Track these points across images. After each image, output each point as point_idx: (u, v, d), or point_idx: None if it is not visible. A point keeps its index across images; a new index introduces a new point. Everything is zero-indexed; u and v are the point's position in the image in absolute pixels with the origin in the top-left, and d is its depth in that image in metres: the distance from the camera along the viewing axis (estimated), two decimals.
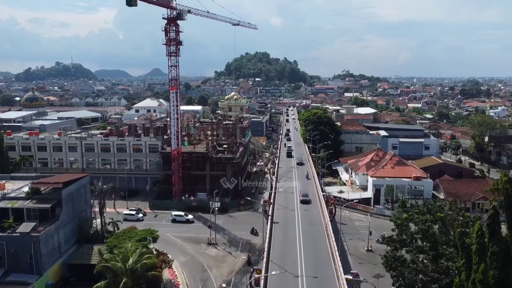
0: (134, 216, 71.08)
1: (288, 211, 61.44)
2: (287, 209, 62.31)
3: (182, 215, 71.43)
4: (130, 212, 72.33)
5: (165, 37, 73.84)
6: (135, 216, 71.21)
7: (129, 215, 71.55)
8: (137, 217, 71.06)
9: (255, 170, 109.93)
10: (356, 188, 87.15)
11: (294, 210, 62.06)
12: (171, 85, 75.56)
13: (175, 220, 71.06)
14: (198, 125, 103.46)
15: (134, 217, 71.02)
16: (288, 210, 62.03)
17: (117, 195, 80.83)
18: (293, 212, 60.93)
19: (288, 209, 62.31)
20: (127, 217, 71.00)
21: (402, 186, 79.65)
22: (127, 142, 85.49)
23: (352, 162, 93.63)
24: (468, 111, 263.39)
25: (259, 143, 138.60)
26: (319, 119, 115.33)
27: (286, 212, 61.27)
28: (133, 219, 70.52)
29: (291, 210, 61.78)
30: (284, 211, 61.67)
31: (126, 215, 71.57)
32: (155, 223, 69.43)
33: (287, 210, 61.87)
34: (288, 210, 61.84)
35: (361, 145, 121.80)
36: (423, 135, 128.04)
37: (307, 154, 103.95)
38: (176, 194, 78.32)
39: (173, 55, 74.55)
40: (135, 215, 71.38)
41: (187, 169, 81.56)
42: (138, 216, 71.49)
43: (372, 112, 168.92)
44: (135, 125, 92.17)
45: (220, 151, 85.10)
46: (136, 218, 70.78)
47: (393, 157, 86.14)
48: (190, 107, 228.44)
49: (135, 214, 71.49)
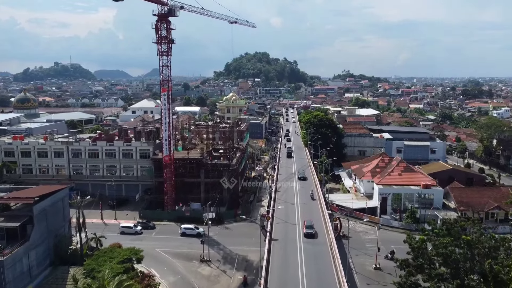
0: (132, 229, 65.27)
1: (289, 226, 55.76)
2: (287, 224, 56.62)
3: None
4: (127, 225, 66.43)
5: (156, 35, 68.08)
6: (133, 229, 65.39)
7: (127, 228, 65.77)
8: (135, 230, 65.26)
9: (253, 175, 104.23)
10: (361, 196, 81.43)
11: (295, 224, 56.33)
12: (163, 86, 69.83)
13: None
14: (193, 128, 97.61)
15: (132, 230, 65.23)
16: (288, 224, 56.35)
17: (105, 204, 75.25)
18: (293, 227, 55.21)
19: (288, 224, 56.63)
20: (124, 230, 65.40)
21: (410, 195, 73.96)
22: (116, 147, 79.77)
23: (356, 168, 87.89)
24: (471, 111, 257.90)
25: (258, 146, 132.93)
26: (321, 121, 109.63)
27: (286, 227, 55.56)
28: (131, 232, 64.90)
29: (292, 225, 56.07)
30: (284, 226, 55.96)
31: (123, 228, 65.86)
32: (155, 236, 64.43)
33: (287, 225, 56.16)
34: (289, 225, 56.15)
35: (364, 148, 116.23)
36: (428, 138, 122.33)
37: (308, 159, 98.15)
38: (168, 203, 72.60)
39: (165, 54, 68.81)
40: (133, 228, 65.53)
41: (180, 176, 75.88)
42: (137, 229, 65.60)
43: (375, 114, 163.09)
44: (126, 129, 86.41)
45: (216, 157, 79.42)
46: (134, 231, 65.06)
47: (400, 163, 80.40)
48: (188, 108, 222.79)
49: (133, 227, 65.64)
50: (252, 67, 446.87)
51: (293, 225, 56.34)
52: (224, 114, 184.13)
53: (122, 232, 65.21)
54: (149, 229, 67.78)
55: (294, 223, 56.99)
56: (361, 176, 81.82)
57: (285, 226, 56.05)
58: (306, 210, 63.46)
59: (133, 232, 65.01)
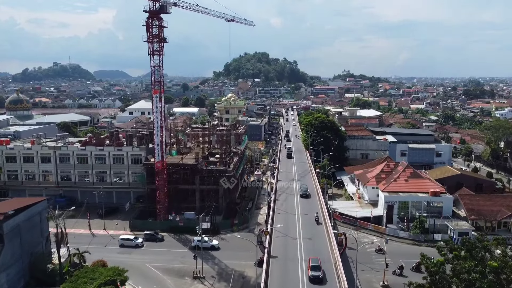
0: (132, 242, 60.49)
1: (289, 241, 51.11)
2: (287, 238, 51.97)
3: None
4: (128, 237, 61.53)
5: (147, 33, 63.45)
6: (134, 241, 60.60)
7: (127, 240, 60.97)
8: (135, 243, 60.47)
9: (252, 180, 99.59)
10: (365, 203, 76.78)
11: (296, 238, 51.66)
12: (154, 88, 65.16)
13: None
14: (188, 131, 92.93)
15: (133, 242, 60.43)
16: (288, 238, 51.70)
17: (94, 213, 70.61)
18: (294, 242, 50.54)
19: (288, 237, 51.99)
20: (124, 243, 60.66)
21: (418, 203, 69.27)
22: (106, 152, 75.09)
23: (359, 174, 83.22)
24: (473, 112, 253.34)
25: (257, 149, 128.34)
26: (322, 123, 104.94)
27: (286, 241, 50.91)
28: (131, 245, 60.18)
29: (293, 239, 51.42)
30: (284, 240, 51.31)
31: (123, 240, 61.07)
32: (151, 249, 59.74)
33: (288, 239, 51.51)
34: (289, 239, 51.50)
35: (367, 151, 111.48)
36: (433, 140, 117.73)
37: (309, 164, 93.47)
38: (160, 212, 67.92)
39: (156, 53, 64.16)
40: (133, 240, 60.75)
41: (174, 183, 71.26)
42: (137, 241, 60.80)
43: (377, 115, 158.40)
44: (117, 133, 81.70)
45: (212, 162, 74.76)
46: (134, 244, 60.30)
47: (406, 168, 75.70)
48: (186, 109, 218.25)
49: (134, 240, 60.85)
50: (251, 67, 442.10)
51: (293, 239, 51.67)
52: (223, 115, 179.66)
53: (122, 245, 60.42)
54: (157, 241, 62.61)
55: (294, 237, 52.26)
56: (365, 183, 77.14)
57: (284, 240, 51.39)
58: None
59: (134, 245, 60.18)
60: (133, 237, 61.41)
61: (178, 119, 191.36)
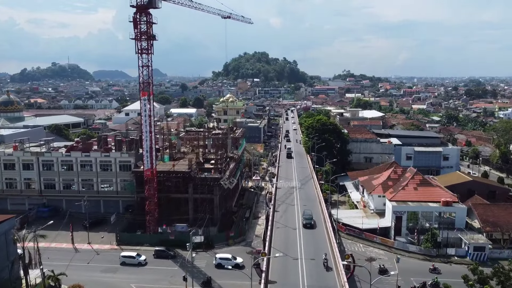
0: (134, 260, 54.75)
1: (289, 261, 45.56)
2: (287, 258, 46.40)
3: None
4: (130, 254, 55.67)
5: (134, 29, 57.89)
6: (136, 259, 54.83)
7: (128, 258, 55.17)
8: (138, 261, 54.67)
9: (250, 186, 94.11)
10: (371, 213, 71.22)
11: (297, 259, 46.10)
12: (142, 90, 59.61)
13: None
14: (183, 135, 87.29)
15: (135, 260, 54.67)
16: (289, 259, 46.13)
17: (79, 224, 65.05)
18: (295, 263, 44.98)
19: (288, 258, 46.43)
20: (125, 261, 54.83)
21: (429, 213, 63.74)
22: (93, 158, 69.46)
23: (364, 180, 77.64)
24: (476, 112, 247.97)
25: (256, 152, 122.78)
26: (324, 126, 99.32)
27: (286, 262, 45.36)
28: (133, 263, 54.47)
29: (293, 260, 45.86)
30: (284, 261, 45.71)
31: (124, 257, 55.18)
32: (154, 267, 54.01)
33: (288, 260, 45.95)
34: (289, 260, 45.94)
35: (370, 155, 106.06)
36: (439, 143, 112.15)
37: (310, 170, 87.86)
38: (150, 224, 62.33)
39: (145, 52, 58.61)
40: (135, 258, 54.97)
41: (165, 192, 65.73)
42: (140, 259, 54.93)
43: (379, 116, 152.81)
44: (105, 137, 76.05)
45: (206, 169, 69.20)
46: (137, 262, 54.52)
47: (415, 175, 70.07)
48: (184, 110, 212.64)
49: (136, 257, 55.04)
50: (251, 67, 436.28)
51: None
52: (221, 117, 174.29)
53: (123, 262, 54.52)
54: (169, 258, 56.62)
55: (295, 257, 46.58)
56: (371, 190, 71.53)
57: (284, 262, 45.80)
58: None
59: (136, 263, 54.39)
60: (135, 254, 55.51)
61: (175, 120, 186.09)
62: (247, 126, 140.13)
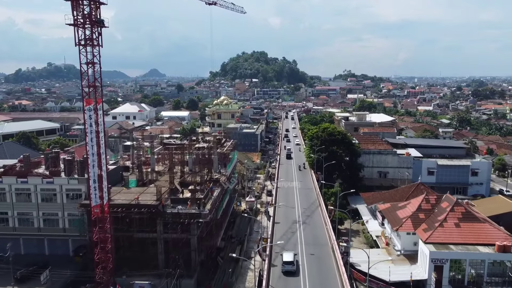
0: None
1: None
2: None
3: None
4: None
5: (72, 12, 40.43)
6: None
7: None
8: None
9: (243, 209, 76.73)
10: (397, 255, 53.85)
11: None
12: (85, 96, 42.19)
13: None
14: (158, 149, 69.66)
15: None
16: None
17: (8, 277, 47.64)
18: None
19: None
20: None
21: (480, 262, 46.52)
22: (31, 185, 52.05)
23: (386, 210, 60.16)
24: (485, 114, 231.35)
25: (251, 163, 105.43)
26: (331, 136, 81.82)
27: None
28: None
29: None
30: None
31: None
32: None
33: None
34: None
35: (385, 169, 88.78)
36: (464, 153, 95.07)
37: (317, 193, 70.41)
38: (102, 279, 44.82)
39: (89, 43, 41.17)
40: None
41: (126, 230, 48.60)
42: None
43: (390, 121, 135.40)
44: (55, 156, 58.54)
45: (181, 200, 51.72)
46: None
47: (455, 206, 52.63)
48: (176, 113, 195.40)
49: None
50: (249, 67, 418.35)
51: None
52: (215, 121, 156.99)
53: None
54: None
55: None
56: (397, 226, 54.05)
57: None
58: None
59: None
60: None
61: (166, 124, 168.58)
62: (242, 133, 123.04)
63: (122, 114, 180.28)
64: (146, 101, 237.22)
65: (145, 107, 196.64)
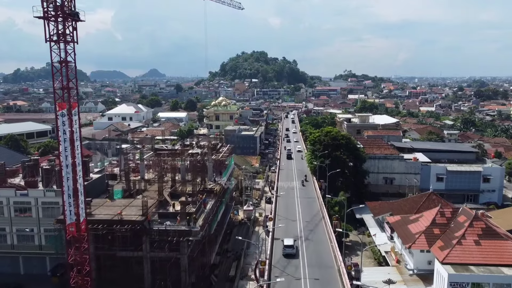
0: None
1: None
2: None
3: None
4: None
5: (42, 4, 35.02)
6: None
7: None
8: None
9: (240, 218, 71.37)
10: (409, 274, 48.41)
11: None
12: (58, 100, 36.77)
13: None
14: (149, 155, 64.17)
15: None
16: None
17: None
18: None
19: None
20: None
21: (504, 287, 41.14)
22: (4, 198, 46.61)
23: (396, 223, 54.68)
24: (489, 115, 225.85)
25: (250, 167, 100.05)
26: (334, 141, 76.31)
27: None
28: None
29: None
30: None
31: None
32: None
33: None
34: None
35: (392, 175, 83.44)
36: (475, 158, 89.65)
37: (320, 204, 64.78)
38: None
39: (61, 39, 35.77)
40: None
41: (108, 248, 43.28)
42: None
43: (393, 123, 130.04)
44: (33, 164, 53.11)
45: (170, 215, 46.29)
46: None
47: (474, 220, 47.19)
48: (174, 114, 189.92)
49: None
50: (249, 67, 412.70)
51: None
52: (213, 122, 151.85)
53: None
54: None
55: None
56: (410, 243, 48.58)
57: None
58: None
59: None
60: None
61: (162, 126, 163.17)
62: (240, 135, 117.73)
63: (118, 115, 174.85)
64: (144, 102, 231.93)
65: (142, 108, 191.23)
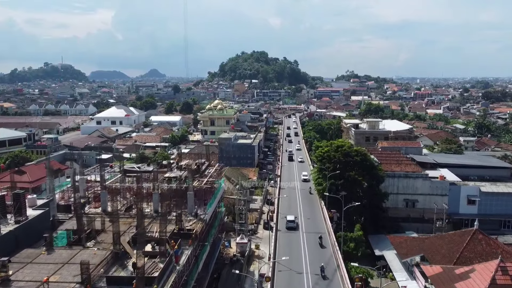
0: None
1: None
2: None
3: None
4: None
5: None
6: None
7: None
8: None
9: (232, 255, 57.20)
10: None
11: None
12: None
13: None
14: (113, 181, 50.00)
15: None
16: None
17: None
18: None
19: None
20: None
21: None
22: None
23: (437, 276, 40.35)
24: (501, 118, 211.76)
25: (246, 179, 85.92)
26: (347, 157, 62.02)
27: None
28: None
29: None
30: None
31: None
32: None
33: None
34: None
35: (414, 196, 69.22)
36: (510, 175, 75.58)
37: (332, 243, 50.68)
38: None
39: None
40: None
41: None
42: None
43: (407, 129, 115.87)
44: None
45: (123, 280, 32.17)
46: None
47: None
48: (167, 118, 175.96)
49: None
50: (249, 67, 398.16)
51: None
52: (207, 128, 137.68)
53: None
54: None
55: None
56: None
57: None
58: None
59: None
60: None
61: (154, 131, 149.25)
62: (236, 144, 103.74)
63: (107, 118, 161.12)
64: (138, 104, 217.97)
65: (133, 110, 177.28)
